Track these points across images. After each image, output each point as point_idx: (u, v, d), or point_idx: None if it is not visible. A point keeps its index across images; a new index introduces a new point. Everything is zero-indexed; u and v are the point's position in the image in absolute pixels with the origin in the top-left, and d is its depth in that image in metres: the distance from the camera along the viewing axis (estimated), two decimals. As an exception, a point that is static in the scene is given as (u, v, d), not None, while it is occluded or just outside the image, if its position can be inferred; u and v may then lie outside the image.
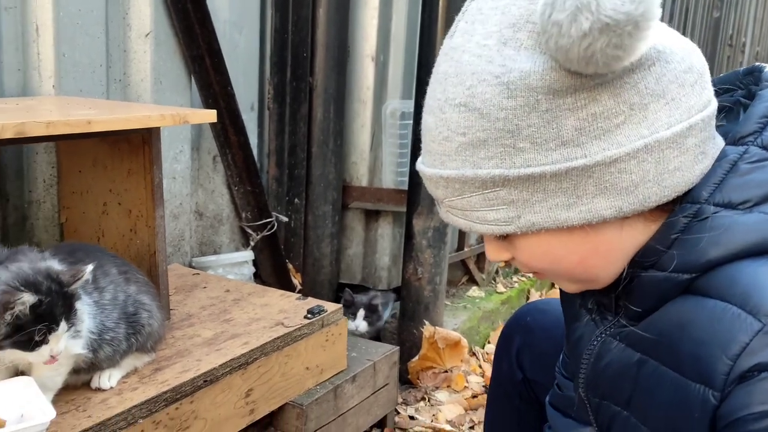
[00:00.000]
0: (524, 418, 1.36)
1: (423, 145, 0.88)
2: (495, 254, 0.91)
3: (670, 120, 0.78)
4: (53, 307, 1.19)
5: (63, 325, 1.21)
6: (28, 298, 1.15)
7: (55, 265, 1.29)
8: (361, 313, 2.55)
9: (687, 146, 0.79)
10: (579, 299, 1.01)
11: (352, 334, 2.44)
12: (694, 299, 0.80)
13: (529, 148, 0.77)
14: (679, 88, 0.78)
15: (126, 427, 1.32)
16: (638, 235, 0.84)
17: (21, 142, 1.67)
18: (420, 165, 0.89)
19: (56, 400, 1.32)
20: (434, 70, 0.86)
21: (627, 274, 0.86)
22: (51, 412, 1.14)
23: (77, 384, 1.40)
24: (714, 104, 0.83)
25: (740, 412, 0.72)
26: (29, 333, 1.17)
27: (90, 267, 1.26)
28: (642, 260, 0.84)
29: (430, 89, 0.86)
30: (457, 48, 0.82)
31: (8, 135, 1.19)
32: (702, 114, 0.81)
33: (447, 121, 0.81)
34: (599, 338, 0.95)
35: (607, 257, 0.85)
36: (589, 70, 0.74)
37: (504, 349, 1.37)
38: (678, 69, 0.79)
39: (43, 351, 1.19)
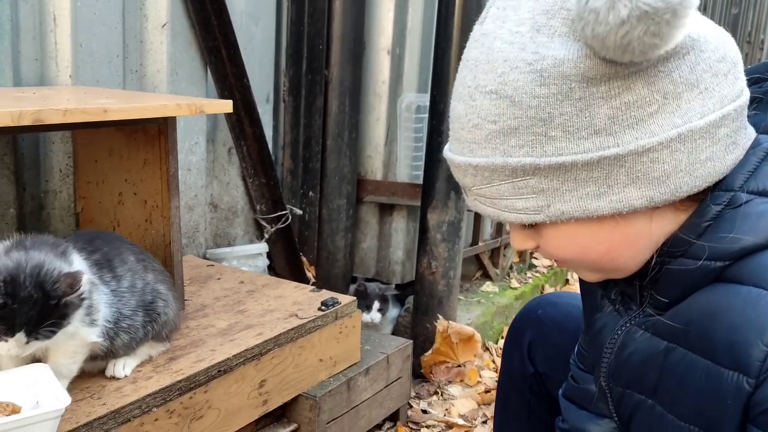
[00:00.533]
0: (534, 412, 1.35)
1: (451, 133, 0.88)
2: (520, 243, 0.90)
3: (703, 110, 0.77)
4: (16, 317, 1.13)
5: (21, 336, 1.14)
6: None
7: (75, 261, 1.28)
8: (376, 304, 2.53)
9: (719, 136, 0.78)
10: (601, 290, 1.00)
11: (366, 326, 2.41)
12: (725, 287, 0.79)
13: (561, 136, 0.77)
14: (712, 78, 0.78)
15: (140, 415, 1.32)
16: (668, 225, 0.83)
17: (38, 130, 1.68)
18: (447, 152, 0.89)
19: (71, 388, 1.33)
20: (464, 56, 0.85)
21: (656, 263, 0.86)
22: (66, 399, 1.14)
23: (93, 371, 1.41)
24: (746, 94, 0.82)
25: None
26: None
27: (84, 277, 1.19)
28: (672, 249, 0.83)
29: (459, 76, 0.85)
30: (489, 34, 0.81)
31: (26, 122, 1.20)
32: (735, 104, 0.80)
33: (477, 108, 0.81)
34: (623, 328, 0.94)
35: (635, 247, 0.84)
36: (625, 59, 0.74)
37: (514, 342, 1.36)
38: (712, 58, 0.78)
39: (4, 349, 1.16)
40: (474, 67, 0.82)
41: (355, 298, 1.93)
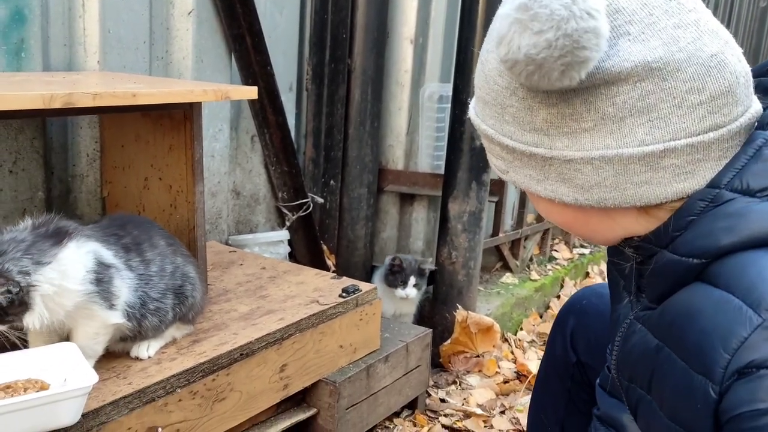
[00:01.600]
0: (573, 400, 1.35)
1: None
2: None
3: (646, 138, 0.78)
4: None
5: None
6: None
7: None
8: (412, 280, 2.44)
9: (663, 165, 0.79)
10: (623, 281, 1.00)
11: (401, 300, 2.42)
12: (703, 287, 0.80)
13: (511, 122, 0.85)
14: (673, 108, 0.77)
15: (164, 396, 1.35)
16: (632, 224, 0.87)
17: (68, 114, 1.70)
18: None
19: (97, 367, 1.35)
20: None
21: (637, 252, 0.89)
22: (93, 377, 1.16)
23: (123, 351, 1.43)
24: (733, 126, 0.80)
25: (741, 408, 0.72)
26: None
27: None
28: (655, 240, 0.85)
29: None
30: (499, 12, 0.84)
31: (57, 105, 1.22)
32: (698, 138, 0.78)
33: (476, 71, 0.91)
34: (629, 320, 0.95)
35: (590, 228, 0.91)
36: (539, 88, 0.79)
37: (559, 331, 1.37)
38: (679, 89, 0.77)
39: None
40: (488, 35, 0.88)
41: (375, 286, 1.94)
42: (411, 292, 2.44)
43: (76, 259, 1.27)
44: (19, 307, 1.19)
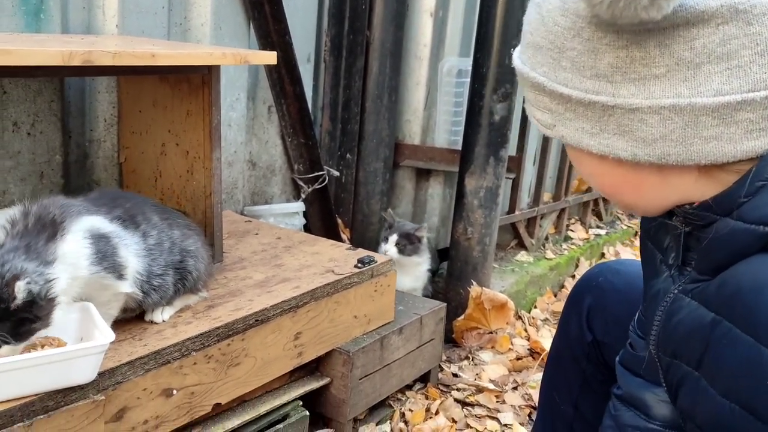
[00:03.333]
0: (588, 380, 1.32)
1: None
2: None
3: (723, 87, 0.73)
4: None
5: None
6: None
7: (69, 241, 1.21)
8: (394, 238, 2.35)
9: (736, 119, 0.74)
10: (660, 255, 0.97)
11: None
12: None
13: (569, 68, 0.79)
14: (755, 56, 0.72)
15: (180, 358, 1.35)
16: (688, 187, 0.81)
17: (87, 73, 1.70)
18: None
19: (113, 329, 1.34)
20: None
21: (690, 219, 0.83)
22: (110, 335, 1.16)
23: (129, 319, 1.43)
24: None
25: None
26: None
27: (21, 284, 1.08)
28: (716, 206, 0.80)
29: None
30: None
31: (76, 62, 1.21)
32: None
33: (528, 15, 0.85)
34: (672, 294, 0.91)
35: (640, 192, 0.85)
36: (619, 22, 0.73)
37: (573, 309, 1.33)
38: (764, 35, 0.72)
39: None
40: None
41: (390, 258, 1.93)
42: (390, 249, 2.33)
43: (76, 249, 1.22)
44: (46, 305, 1.13)
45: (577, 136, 0.82)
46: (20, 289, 1.07)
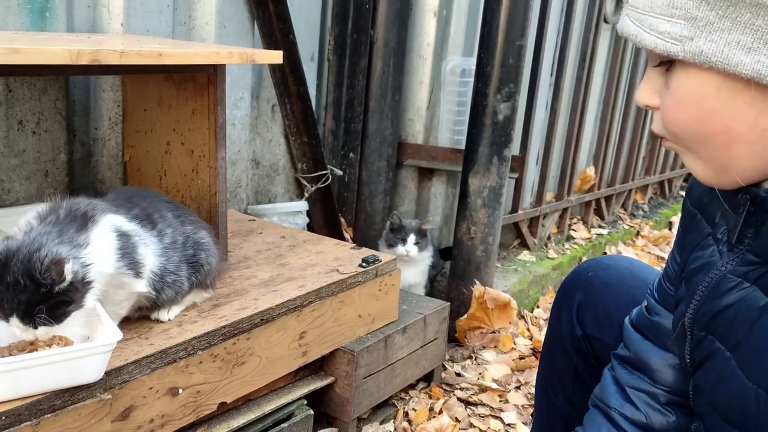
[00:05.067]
0: (580, 375, 1.33)
1: None
2: (647, 94, 0.83)
3: None
4: (5, 301, 1.09)
5: (15, 320, 1.10)
6: None
7: (95, 235, 1.22)
8: (412, 237, 2.41)
9: None
10: (708, 227, 0.93)
11: (401, 260, 2.31)
12: None
13: None
14: None
15: (186, 357, 1.35)
16: None
17: (93, 72, 1.70)
18: None
19: (119, 328, 1.34)
20: None
21: None
22: (117, 334, 1.16)
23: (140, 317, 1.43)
24: None
25: None
26: None
27: (69, 266, 1.10)
28: None
29: None
30: None
31: (84, 61, 1.21)
32: None
33: None
34: (719, 271, 0.87)
35: (756, 142, 0.74)
36: None
37: (563, 304, 1.34)
38: None
39: (15, 331, 1.13)
40: None
41: (395, 257, 1.93)
42: (412, 249, 2.38)
43: (105, 240, 1.24)
44: (82, 288, 1.15)
45: (726, 51, 0.70)
46: (68, 271, 1.09)
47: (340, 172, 2.63)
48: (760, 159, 0.76)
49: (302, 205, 2.48)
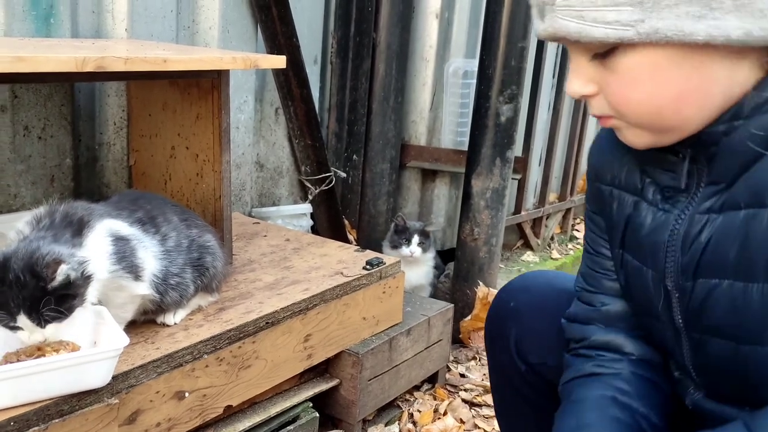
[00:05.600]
0: (539, 406, 1.24)
1: None
2: (581, 85, 0.86)
3: None
4: (11, 300, 1.10)
5: (23, 319, 1.11)
6: None
7: (90, 241, 1.23)
8: (416, 238, 2.46)
9: None
10: (635, 198, 0.96)
11: (405, 261, 2.37)
12: None
13: None
14: None
15: (192, 361, 1.36)
16: (746, 82, 0.79)
17: (99, 78, 1.71)
18: None
19: (125, 332, 1.35)
20: None
21: (717, 127, 0.81)
22: (124, 339, 1.17)
23: (147, 321, 1.44)
24: None
25: None
26: None
27: (64, 267, 1.11)
28: (748, 110, 0.79)
29: None
30: None
31: (89, 68, 1.22)
32: None
33: None
34: (680, 220, 0.90)
35: (707, 97, 0.79)
36: None
37: (496, 340, 1.26)
38: None
39: (22, 336, 1.14)
40: None
41: (398, 259, 1.94)
42: (416, 250, 2.44)
43: (99, 245, 1.25)
44: (83, 283, 1.16)
45: (678, 24, 0.74)
46: (62, 272, 1.10)
47: (344, 175, 2.64)
48: (707, 111, 0.81)
49: (306, 208, 2.49)
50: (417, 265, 2.49)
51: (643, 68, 0.79)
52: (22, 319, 1.11)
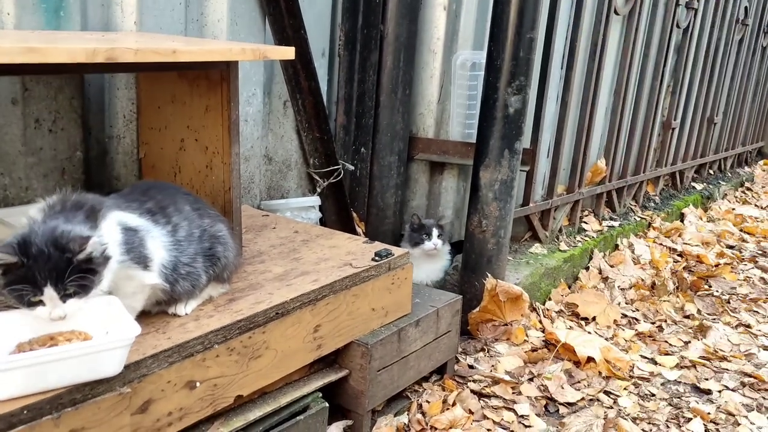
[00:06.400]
0: None
1: None
2: None
3: None
4: (37, 272, 1.12)
5: (49, 291, 1.13)
6: (3, 257, 1.12)
7: (104, 226, 1.26)
8: (435, 231, 2.58)
9: None
10: None
11: (428, 255, 2.57)
12: None
13: None
14: None
15: (203, 351, 1.37)
16: None
17: (109, 70, 1.72)
18: None
19: (137, 323, 1.37)
20: None
21: None
22: (136, 329, 1.18)
23: (159, 312, 1.45)
24: None
25: None
26: (19, 291, 1.14)
27: (94, 239, 1.17)
28: None
29: None
30: None
31: (100, 59, 1.22)
32: None
33: None
34: None
35: None
36: None
37: None
38: None
39: (40, 312, 1.16)
40: None
41: (407, 251, 1.94)
42: (438, 242, 2.58)
43: (109, 234, 1.26)
44: (103, 262, 1.20)
45: None
46: (92, 245, 1.15)
47: (352, 167, 2.64)
48: None
49: (314, 200, 2.50)
50: (438, 258, 2.61)
51: None
52: (48, 291, 1.14)
